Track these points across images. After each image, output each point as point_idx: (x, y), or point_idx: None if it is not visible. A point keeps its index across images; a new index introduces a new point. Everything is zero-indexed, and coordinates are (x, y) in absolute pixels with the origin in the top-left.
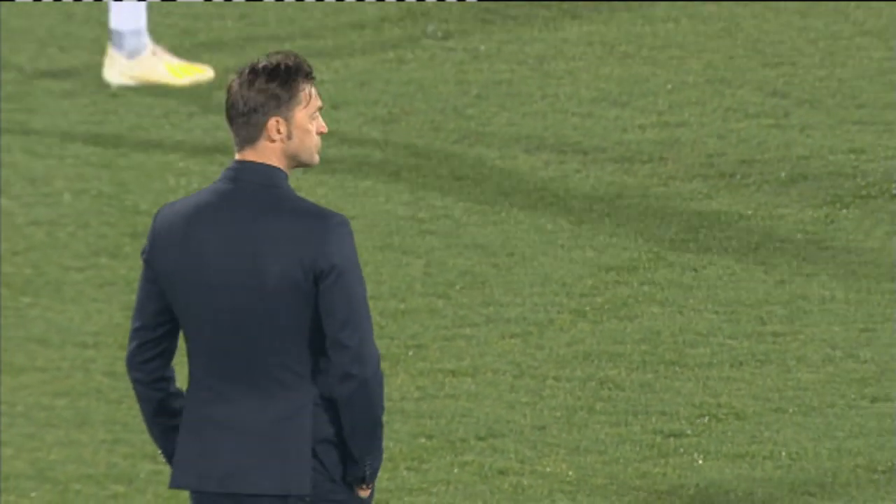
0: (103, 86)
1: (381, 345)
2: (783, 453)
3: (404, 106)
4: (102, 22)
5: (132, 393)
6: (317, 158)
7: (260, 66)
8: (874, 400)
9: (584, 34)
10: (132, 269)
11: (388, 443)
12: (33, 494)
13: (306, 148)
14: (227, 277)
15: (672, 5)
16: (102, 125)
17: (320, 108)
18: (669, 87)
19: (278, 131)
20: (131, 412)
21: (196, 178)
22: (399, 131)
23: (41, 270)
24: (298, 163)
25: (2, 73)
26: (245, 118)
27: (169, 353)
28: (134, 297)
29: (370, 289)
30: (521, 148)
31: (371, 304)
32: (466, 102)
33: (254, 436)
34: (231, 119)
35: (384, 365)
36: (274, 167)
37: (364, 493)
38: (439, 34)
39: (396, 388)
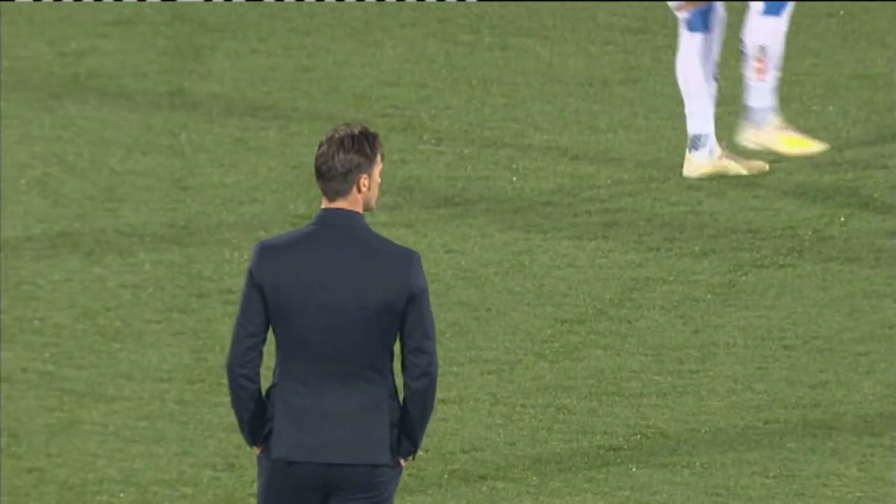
0: (181, 184)
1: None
2: (697, 463)
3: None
4: (175, 133)
5: (198, 416)
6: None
7: (351, 133)
8: (766, 422)
9: None
10: (198, 322)
11: None
12: (122, 495)
13: (376, 197)
14: (334, 299)
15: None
16: (175, 212)
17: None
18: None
19: (364, 185)
20: (197, 430)
21: (246, 252)
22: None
23: (127, 322)
24: (367, 208)
25: (97, 172)
26: (343, 176)
27: (261, 355)
28: (198, 343)
29: None
30: (497, 227)
31: None
32: None
33: (343, 420)
34: (329, 177)
35: None
36: (357, 212)
37: (406, 463)
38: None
39: None
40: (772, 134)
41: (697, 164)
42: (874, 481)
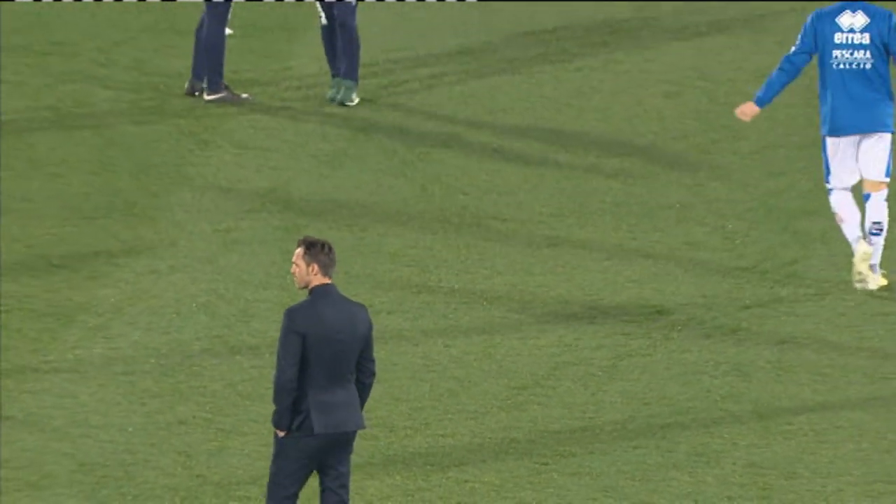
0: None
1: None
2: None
3: None
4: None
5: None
6: None
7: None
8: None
9: None
10: None
11: (399, 478)
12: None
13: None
14: (339, 335)
15: None
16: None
17: None
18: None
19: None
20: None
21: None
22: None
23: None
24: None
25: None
26: (334, 267)
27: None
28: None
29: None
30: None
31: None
32: None
33: (346, 405)
34: (330, 267)
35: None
36: (334, 285)
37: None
38: None
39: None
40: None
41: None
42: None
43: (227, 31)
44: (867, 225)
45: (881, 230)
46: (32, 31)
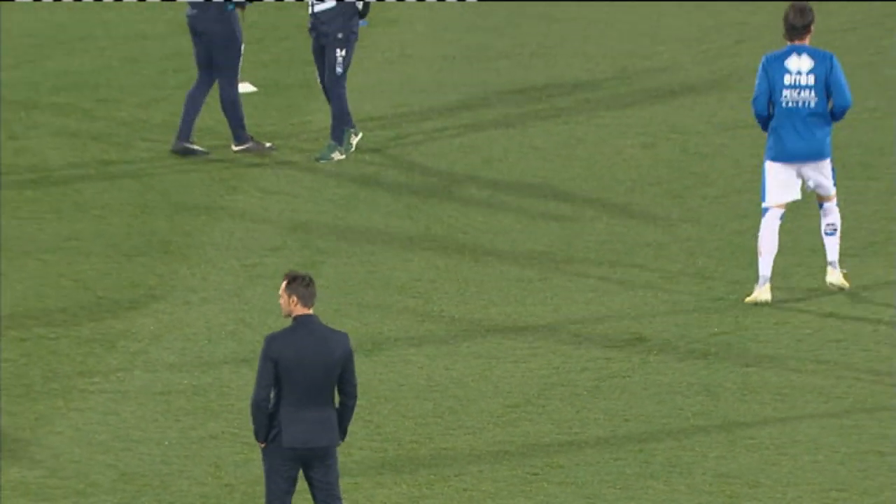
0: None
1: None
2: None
3: None
4: None
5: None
6: None
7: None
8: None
9: None
10: None
11: (405, 485)
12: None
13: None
14: (312, 361)
15: None
16: None
17: None
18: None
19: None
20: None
21: None
22: None
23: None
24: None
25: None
26: (314, 298)
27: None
28: None
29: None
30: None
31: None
32: None
33: (318, 422)
34: (309, 298)
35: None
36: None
37: (340, 443)
38: None
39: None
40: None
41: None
42: None
43: (252, 88)
44: (823, 227)
45: (835, 230)
46: (81, 89)
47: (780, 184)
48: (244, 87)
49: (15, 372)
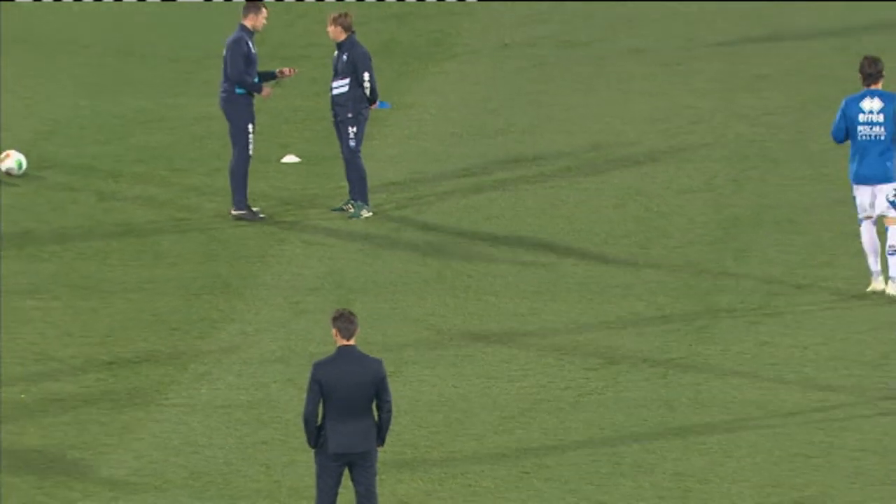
0: None
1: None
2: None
3: None
4: None
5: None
6: None
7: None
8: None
9: None
10: None
11: (418, 483)
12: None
13: None
14: (351, 382)
15: None
16: None
17: None
18: None
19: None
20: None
21: None
22: None
23: None
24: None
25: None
26: (354, 330)
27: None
28: None
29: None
30: None
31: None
32: None
33: (358, 432)
34: (348, 331)
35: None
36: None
37: (380, 449)
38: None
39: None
40: None
41: None
42: None
43: (297, 159)
44: (887, 248)
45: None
46: (157, 160)
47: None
48: (290, 158)
49: (105, 389)
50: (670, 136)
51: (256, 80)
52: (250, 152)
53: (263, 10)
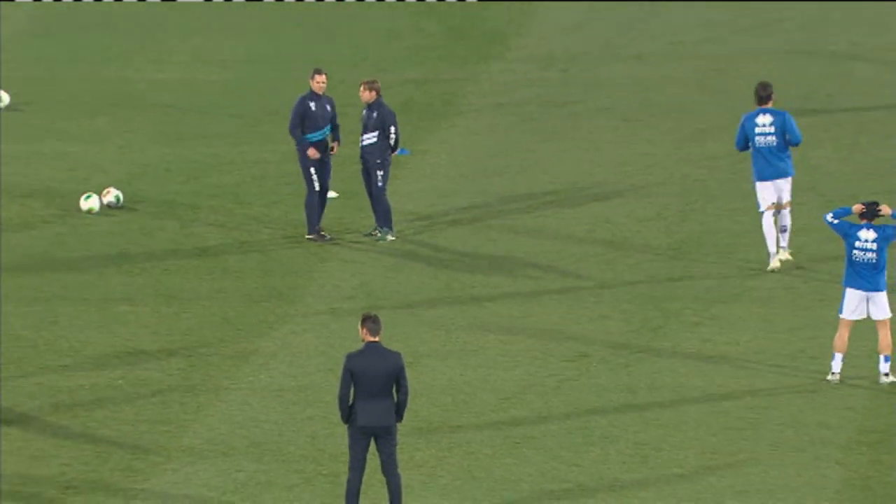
0: None
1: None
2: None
3: None
4: None
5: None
6: None
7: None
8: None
9: None
10: None
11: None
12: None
13: None
14: (376, 370)
15: None
16: None
17: None
18: None
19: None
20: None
21: None
22: None
23: None
24: None
25: None
26: (379, 328)
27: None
28: None
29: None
30: None
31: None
32: None
33: (381, 410)
34: (374, 330)
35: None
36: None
37: (399, 424)
38: None
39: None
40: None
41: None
42: None
43: (336, 194)
44: (779, 225)
45: (786, 230)
46: (226, 196)
47: (767, 195)
48: (331, 194)
49: (184, 376)
50: (631, 177)
51: (317, 134)
52: (316, 188)
53: (316, 75)
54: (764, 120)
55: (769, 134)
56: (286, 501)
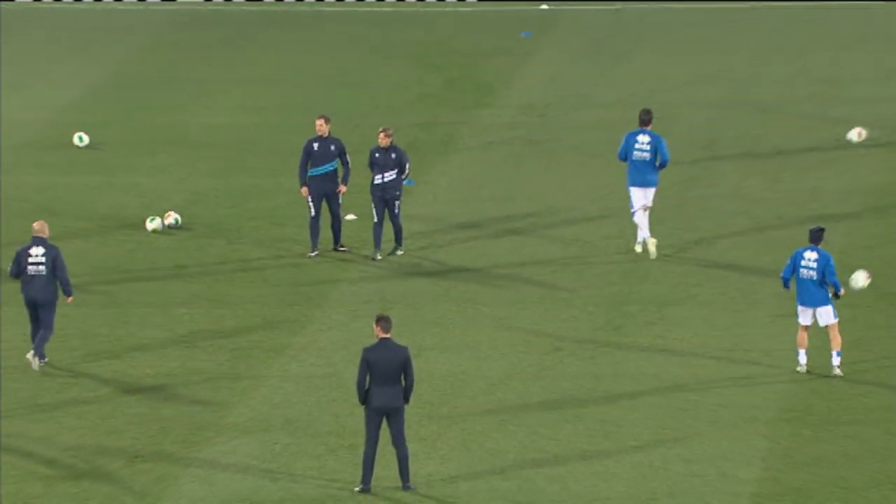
0: None
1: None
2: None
3: None
4: None
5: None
6: None
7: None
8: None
9: None
10: None
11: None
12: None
13: None
14: (388, 362)
15: None
16: None
17: None
18: None
19: None
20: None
21: None
22: None
23: None
24: None
25: None
26: (390, 326)
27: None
28: None
29: None
30: None
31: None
32: None
33: (392, 394)
34: (386, 327)
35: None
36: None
37: (407, 406)
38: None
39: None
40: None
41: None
42: None
43: (354, 216)
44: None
45: (646, 225)
46: (261, 219)
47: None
48: (350, 216)
49: (230, 366)
50: (597, 203)
51: (320, 169)
52: (313, 213)
53: (316, 120)
54: (643, 139)
55: (645, 151)
56: (314, 468)
